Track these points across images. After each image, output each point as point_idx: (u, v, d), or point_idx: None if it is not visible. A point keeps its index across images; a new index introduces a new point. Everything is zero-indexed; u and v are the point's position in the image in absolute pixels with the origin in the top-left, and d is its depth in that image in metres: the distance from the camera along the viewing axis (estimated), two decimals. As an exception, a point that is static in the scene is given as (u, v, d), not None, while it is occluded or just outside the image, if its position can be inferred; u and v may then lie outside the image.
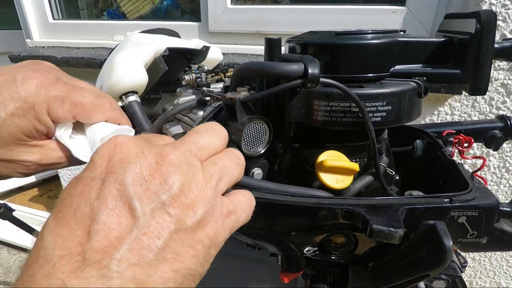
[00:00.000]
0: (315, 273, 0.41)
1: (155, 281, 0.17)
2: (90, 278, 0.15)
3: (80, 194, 0.18)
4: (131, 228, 0.17)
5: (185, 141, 0.22)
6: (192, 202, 0.19)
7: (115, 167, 0.19)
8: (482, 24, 0.32)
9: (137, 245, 0.17)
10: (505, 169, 0.84)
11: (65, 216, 0.17)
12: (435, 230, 0.27)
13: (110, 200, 0.17)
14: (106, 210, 0.17)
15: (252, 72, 0.33)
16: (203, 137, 0.23)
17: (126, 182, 0.18)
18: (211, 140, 0.23)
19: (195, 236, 0.19)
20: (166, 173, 0.19)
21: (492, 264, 0.97)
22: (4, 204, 1.05)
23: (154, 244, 0.17)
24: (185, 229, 0.18)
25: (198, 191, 0.20)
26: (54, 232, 0.17)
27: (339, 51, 0.33)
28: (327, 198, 0.30)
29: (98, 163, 0.19)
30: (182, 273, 0.18)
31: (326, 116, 0.32)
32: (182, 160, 0.20)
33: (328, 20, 0.92)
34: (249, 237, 0.35)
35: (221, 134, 0.24)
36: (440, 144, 0.40)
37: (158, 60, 0.43)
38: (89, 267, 0.16)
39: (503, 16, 0.71)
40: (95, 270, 0.16)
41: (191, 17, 1.21)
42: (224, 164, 0.23)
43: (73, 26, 1.27)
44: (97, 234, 0.16)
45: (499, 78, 0.76)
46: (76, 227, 0.17)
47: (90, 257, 0.16)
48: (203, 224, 0.19)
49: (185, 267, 0.18)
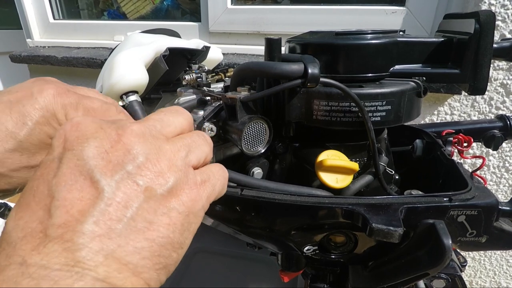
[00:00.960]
0: (315, 272, 0.41)
1: (127, 250, 0.16)
2: (53, 252, 0.15)
3: (39, 177, 0.17)
4: (95, 201, 0.16)
5: (148, 118, 0.22)
6: (161, 170, 0.18)
7: (72, 144, 0.18)
8: (481, 24, 0.32)
9: (103, 217, 0.16)
10: (504, 169, 0.85)
11: (25, 200, 0.17)
12: (435, 229, 0.27)
13: (68, 176, 0.17)
14: (65, 187, 0.16)
15: (252, 72, 0.33)
16: (167, 115, 0.22)
17: (85, 156, 0.17)
18: (176, 119, 0.22)
19: (168, 204, 0.18)
20: (129, 143, 0.18)
21: (492, 264, 0.97)
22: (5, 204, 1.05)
23: (123, 214, 0.17)
24: (155, 197, 0.18)
25: (167, 160, 0.19)
26: (15, 217, 0.17)
27: (339, 51, 0.33)
28: (327, 197, 0.30)
29: (56, 145, 0.19)
30: (158, 241, 0.17)
31: (326, 116, 0.32)
32: (146, 131, 0.20)
33: (328, 20, 0.93)
34: (249, 236, 0.35)
35: (186, 115, 0.24)
36: (439, 144, 0.40)
37: (159, 60, 0.43)
38: (51, 243, 0.15)
39: (503, 16, 0.71)
40: (58, 244, 0.15)
41: (191, 18, 1.21)
42: (192, 139, 0.22)
43: (73, 26, 1.27)
44: (57, 210, 0.16)
45: (499, 78, 0.76)
46: (36, 208, 0.16)
47: (51, 233, 0.15)
48: (176, 192, 0.19)
49: (160, 235, 0.17)
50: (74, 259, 0.15)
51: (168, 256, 0.18)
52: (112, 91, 0.39)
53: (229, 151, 0.38)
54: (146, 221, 0.17)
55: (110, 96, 0.40)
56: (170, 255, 0.18)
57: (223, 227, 0.34)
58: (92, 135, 0.18)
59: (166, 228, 0.18)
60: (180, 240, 0.19)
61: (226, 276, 0.82)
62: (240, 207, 0.30)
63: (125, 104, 0.39)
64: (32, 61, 1.20)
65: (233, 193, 0.30)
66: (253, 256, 0.81)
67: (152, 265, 0.17)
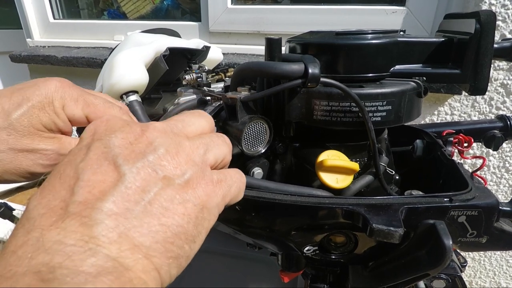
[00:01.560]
0: (315, 273, 0.41)
1: (141, 232, 0.17)
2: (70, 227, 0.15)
3: (66, 163, 0.18)
4: (116, 183, 0.17)
5: (171, 118, 0.23)
6: (179, 163, 0.19)
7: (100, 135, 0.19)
8: (482, 24, 0.32)
9: (122, 198, 0.17)
10: (504, 169, 0.84)
11: (51, 182, 0.18)
12: (435, 229, 0.27)
13: (95, 161, 0.18)
14: (90, 170, 0.17)
15: (253, 72, 0.33)
16: (189, 117, 0.24)
17: (112, 144, 0.19)
18: (197, 120, 0.24)
19: (185, 194, 0.19)
20: (152, 137, 0.20)
21: (492, 264, 0.97)
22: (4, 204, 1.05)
23: (141, 198, 0.17)
24: (172, 185, 0.18)
25: (185, 155, 0.20)
26: (39, 196, 0.17)
27: (339, 51, 0.33)
28: (327, 197, 0.30)
29: (85, 137, 0.20)
30: (173, 229, 0.18)
31: (326, 116, 0.32)
32: (167, 129, 0.21)
33: (328, 20, 0.93)
34: (250, 236, 0.35)
35: (208, 117, 0.25)
36: (440, 144, 0.40)
37: (159, 60, 0.43)
38: (69, 218, 0.16)
39: (503, 16, 0.71)
40: (75, 220, 0.16)
41: (192, 17, 1.21)
42: (211, 139, 0.23)
43: (73, 26, 1.27)
44: (80, 189, 0.17)
45: (499, 78, 0.76)
46: (60, 188, 0.17)
47: (71, 209, 0.16)
48: (192, 185, 0.19)
49: (175, 223, 0.18)
50: (89, 234, 0.15)
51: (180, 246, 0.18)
52: (112, 90, 0.39)
53: (229, 151, 0.38)
54: (162, 207, 0.18)
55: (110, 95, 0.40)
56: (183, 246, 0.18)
57: (223, 227, 0.34)
58: (119, 128, 0.20)
59: (181, 217, 0.18)
60: (193, 233, 0.19)
61: (226, 276, 0.82)
62: (240, 207, 0.30)
63: (126, 104, 0.39)
64: (32, 61, 1.20)
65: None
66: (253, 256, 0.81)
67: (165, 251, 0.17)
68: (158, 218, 0.17)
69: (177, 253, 0.18)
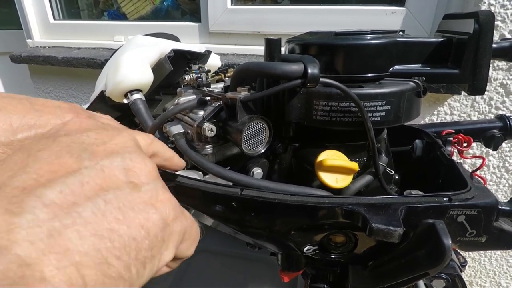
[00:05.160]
0: (315, 272, 0.41)
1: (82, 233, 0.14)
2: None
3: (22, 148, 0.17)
4: (71, 174, 0.15)
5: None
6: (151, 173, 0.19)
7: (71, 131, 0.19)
8: (480, 24, 0.32)
9: (72, 191, 0.14)
10: (504, 169, 0.85)
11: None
12: (434, 229, 0.27)
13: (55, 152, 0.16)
14: (46, 160, 0.15)
15: (252, 72, 0.33)
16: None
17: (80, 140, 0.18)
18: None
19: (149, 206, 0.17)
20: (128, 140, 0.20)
21: (492, 264, 0.97)
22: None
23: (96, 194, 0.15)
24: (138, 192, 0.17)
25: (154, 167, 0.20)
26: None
27: (339, 52, 0.33)
28: (327, 197, 0.30)
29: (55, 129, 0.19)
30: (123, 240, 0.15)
31: (325, 116, 0.32)
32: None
33: (328, 20, 0.93)
34: (249, 236, 0.35)
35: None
36: (439, 144, 0.40)
37: (164, 61, 0.43)
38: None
39: (502, 17, 0.71)
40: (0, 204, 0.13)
41: (191, 18, 1.21)
42: None
43: (73, 27, 1.27)
44: (24, 174, 0.14)
45: (498, 78, 0.76)
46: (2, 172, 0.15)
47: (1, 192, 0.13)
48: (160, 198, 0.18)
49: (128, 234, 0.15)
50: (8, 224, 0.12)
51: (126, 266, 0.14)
52: (117, 88, 0.39)
53: (229, 151, 0.38)
54: (119, 211, 0.15)
55: (114, 94, 0.41)
56: (129, 266, 0.14)
57: (223, 227, 0.34)
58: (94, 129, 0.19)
59: (137, 229, 0.15)
60: (146, 254, 0.16)
61: (226, 276, 0.82)
62: (240, 207, 0.30)
63: (129, 102, 0.40)
64: (32, 62, 1.20)
65: (233, 193, 0.30)
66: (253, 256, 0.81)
67: (103, 263, 0.13)
68: (108, 222, 0.14)
69: (119, 274, 0.14)
